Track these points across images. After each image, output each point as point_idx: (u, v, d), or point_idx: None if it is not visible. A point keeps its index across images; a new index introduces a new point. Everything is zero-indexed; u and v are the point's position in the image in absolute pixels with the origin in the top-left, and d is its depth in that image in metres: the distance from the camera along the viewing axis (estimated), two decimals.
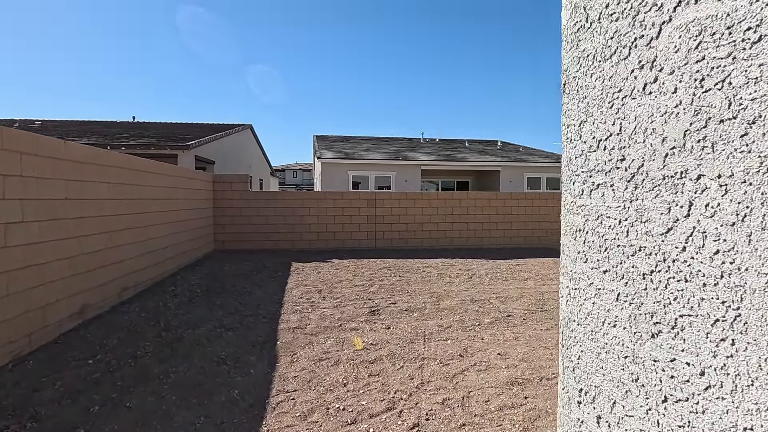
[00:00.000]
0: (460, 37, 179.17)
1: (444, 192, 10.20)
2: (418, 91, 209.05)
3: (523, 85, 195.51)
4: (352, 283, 6.57)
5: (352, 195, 10.24)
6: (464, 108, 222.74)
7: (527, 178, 20.63)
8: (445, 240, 10.51)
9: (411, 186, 18.84)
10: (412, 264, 8.35)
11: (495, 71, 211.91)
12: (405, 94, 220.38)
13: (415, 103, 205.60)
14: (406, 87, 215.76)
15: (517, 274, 7.43)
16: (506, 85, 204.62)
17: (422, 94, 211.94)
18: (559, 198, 10.89)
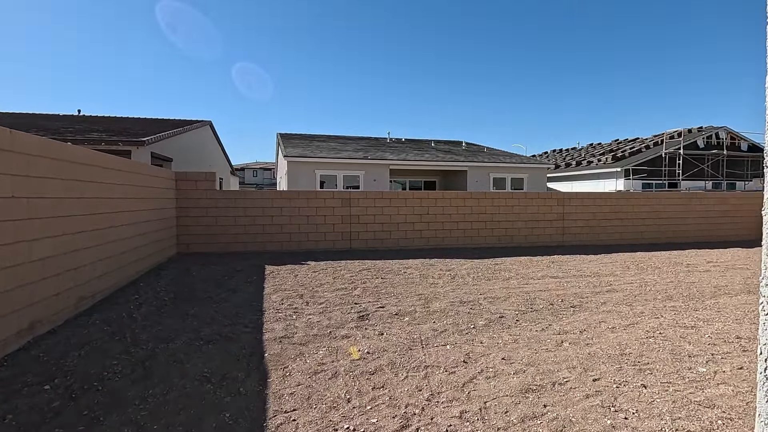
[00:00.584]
0: (409, 45, 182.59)
1: (420, 191, 10.06)
2: (374, 90, 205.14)
3: (483, 85, 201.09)
4: (334, 286, 6.25)
5: (326, 194, 9.88)
6: (423, 109, 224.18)
7: (493, 178, 21.00)
8: (421, 240, 10.38)
9: (379, 185, 18.64)
10: (392, 265, 8.13)
11: (456, 75, 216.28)
12: (360, 94, 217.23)
13: (368, 103, 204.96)
14: (363, 86, 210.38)
15: (498, 274, 7.39)
16: (468, 88, 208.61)
17: (379, 95, 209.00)
18: (530, 197, 11.06)
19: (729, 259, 9.23)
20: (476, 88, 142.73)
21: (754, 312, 5.10)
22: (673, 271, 7.79)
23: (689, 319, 4.83)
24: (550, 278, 7.09)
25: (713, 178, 21.36)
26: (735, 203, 13.00)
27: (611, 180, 21.33)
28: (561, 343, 4.01)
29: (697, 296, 5.95)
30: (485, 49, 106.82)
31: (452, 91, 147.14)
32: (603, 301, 5.65)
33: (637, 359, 3.60)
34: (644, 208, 12.01)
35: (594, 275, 7.36)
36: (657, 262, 8.90)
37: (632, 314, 5.03)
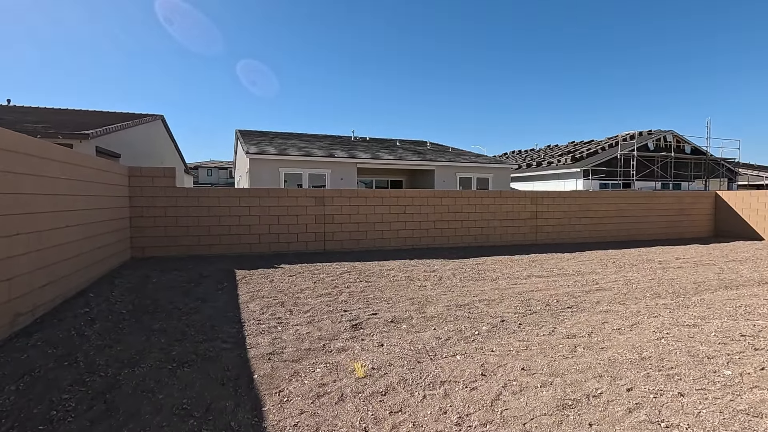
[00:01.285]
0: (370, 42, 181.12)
1: (397, 189, 9.69)
2: (334, 89, 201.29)
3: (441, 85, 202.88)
4: (317, 292, 5.72)
5: (299, 192, 9.27)
6: (383, 108, 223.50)
7: (459, 178, 21.07)
8: (398, 240, 10.01)
9: (347, 184, 18.12)
10: (373, 267, 7.69)
11: (418, 76, 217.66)
12: (320, 92, 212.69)
13: (328, 102, 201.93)
14: (326, 84, 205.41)
15: (484, 274, 7.16)
16: (429, 88, 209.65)
17: (339, 93, 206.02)
18: (504, 196, 11.01)
19: (694, 256, 9.59)
20: (438, 87, 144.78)
21: (743, 308, 5.14)
22: (649, 268, 7.91)
23: (687, 317, 4.77)
24: (536, 278, 6.94)
25: (662, 178, 22.64)
26: (690, 202, 13.69)
27: (571, 180, 22.05)
28: (575, 348, 3.76)
29: (681, 293, 5.98)
30: (447, 49, 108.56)
31: (413, 90, 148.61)
32: (596, 300, 5.53)
33: (659, 363, 3.40)
34: (611, 207, 12.34)
35: (578, 274, 7.31)
36: (630, 259, 9.06)
37: (630, 314, 4.91)
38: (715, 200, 14.09)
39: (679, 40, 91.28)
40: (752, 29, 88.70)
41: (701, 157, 23.57)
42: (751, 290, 6.16)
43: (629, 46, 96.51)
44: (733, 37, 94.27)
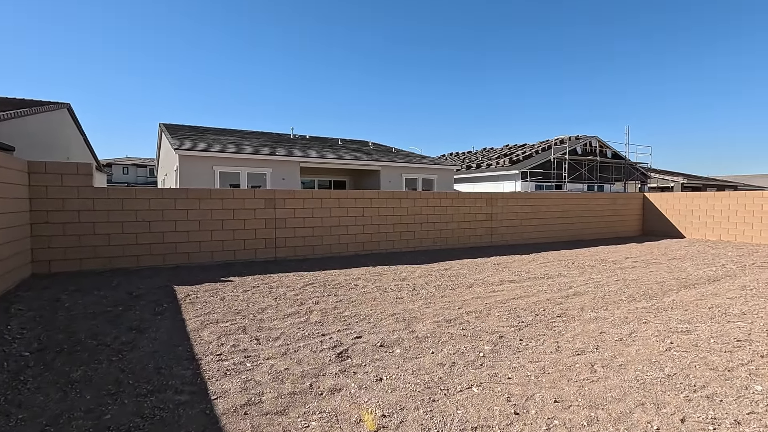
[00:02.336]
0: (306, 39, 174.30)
1: (354, 191, 9.01)
2: (264, 84, 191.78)
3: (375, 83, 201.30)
4: (282, 311, 4.88)
5: (246, 193, 8.20)
6: (319, 106, 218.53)
7: (405, 179, 20.85)
8: (356, 245, 9.32)
9: (289, 184, 17.03)
10: (336, 277, 6.94)
11: (358, 70, 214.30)
12: (247, 87, 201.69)
13: (256, 97, 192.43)
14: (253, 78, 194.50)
15: (456, 281, 6.74)
16: (371, 85, 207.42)
17: (270, 89, 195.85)
18: (462, 197, 10.81)
19: (639, 255, 10.06)
20: (379, 86, 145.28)
21: (716, 309, 5.22)
22: (608, 269, 8.05)
23: (673, 322, 4.69)
24: (509, 283, 6.67)
25: (589, 181, 24.33)
26: (622, 203, 14.62)
27: (510, 182, 22.85)
28: (593, 368, 3.39)
29: (651, 294, 6.02)
30: (384, 47, 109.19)
31: (351, 86, 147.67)
32: (579, 306, 5.33)
33: (688, 382, 3.13)
34: (557, 208, 12.72)
35: (547, 277, 7.18)
36: (586, 260, 9.25)
37: (619, 320, 4.73)
38: (643, 202, 15.21)
39: (585, 45, 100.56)
40: (663, 43, 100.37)
41: (621, 161, 25.73)
42: (707, 289, 6.38)
43: (550, 47, 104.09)
44: (638, 46, 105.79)
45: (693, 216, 13.87)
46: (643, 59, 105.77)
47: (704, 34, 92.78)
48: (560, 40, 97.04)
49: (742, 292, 6.10)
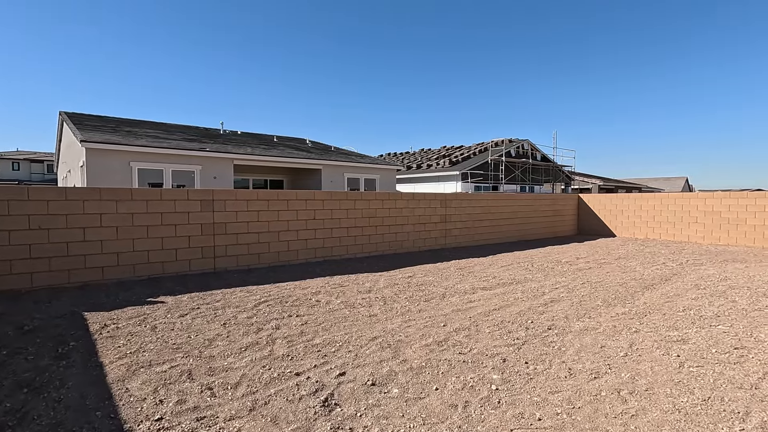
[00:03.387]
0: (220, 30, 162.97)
1: (305, 191, 8.09)
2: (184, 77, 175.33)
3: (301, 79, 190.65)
4: (235, 342, 3.91)
5: (178, 194, 6.91)
6: (249, 102, 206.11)
7: (347, 179, 20.06)
8: (307, 252, 8.39)
9: (222, 183, 15.45)
10: (292, 291, 6.01)
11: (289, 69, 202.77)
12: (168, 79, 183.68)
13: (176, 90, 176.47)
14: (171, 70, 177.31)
15: (426, 290, 6.17)
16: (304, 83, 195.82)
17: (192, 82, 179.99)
18: (417, 199, 10.32)
19: (586, 254, 10.31)
20: (313, 84, 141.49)
21: (691, 312, 5.18)
22: (568, 271, 8.01)
23: (662, 329, 4.51)
24: (482, 291, 6.25)
25: (522, 182, 25.41)
26: (562, 204, 15.20)
27: (451, 182, 23.05)
28: (621, 396, 2.96)
29: (621, 298, 5.93)
30: (317, 46, 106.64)
31: (285, 85, 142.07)
32: (562, 315, 5.01)
33: (730, 408, 2.80)
34: (506, 209, 12.79)
35: (515, 282, 6.89)
36: (541, 261, 9.22)
37: (609, 330, 4.45)
38: (578, 203, 15.97)
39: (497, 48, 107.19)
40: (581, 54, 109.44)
41: (549, 164, 27.25)
42: (666, 289, 6.47)
43: (479, 47, 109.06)
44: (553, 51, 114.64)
45: (623, 216, 14.79)
46: (564, 67, 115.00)
47: (612, 46, 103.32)
48: (490, 43, 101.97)
49: (699, 292, 6.24)
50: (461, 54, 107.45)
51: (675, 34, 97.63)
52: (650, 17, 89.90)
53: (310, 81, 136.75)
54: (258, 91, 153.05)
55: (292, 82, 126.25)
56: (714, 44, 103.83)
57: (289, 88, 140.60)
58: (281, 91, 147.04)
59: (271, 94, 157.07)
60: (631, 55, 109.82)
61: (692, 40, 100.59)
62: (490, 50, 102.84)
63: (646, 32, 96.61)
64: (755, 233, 11.88)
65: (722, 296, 5.96)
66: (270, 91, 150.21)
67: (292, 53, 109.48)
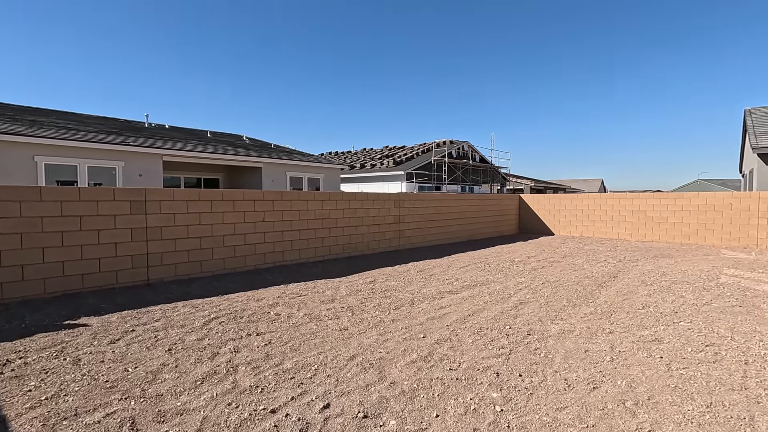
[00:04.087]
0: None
1: (253, 191, 7.34)
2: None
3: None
4: (187, 373, 3.23)
5: (102, 193, 5.86)
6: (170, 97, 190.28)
7: (290, 178, 19.16)
8: (255, 257, 7.63)
9: (150, 181, 13.94)
10: (245, 303, 5.32)
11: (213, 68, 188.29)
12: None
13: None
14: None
15: (394, 297, 5.80)
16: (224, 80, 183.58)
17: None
18: (371, 199, 9.92)
19: (535, 253, 10.59)
20: (232, 81, 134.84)
21: (650, 308, 5.35)
22: (523, 271, 8.09)
23: (634, 329, 4.55)
24: (449, 295, 6.02)
25: (463, 182, 26.08)
26: (505, 204, 15.67)
27: (396, 182, 22.98)
28: (626, 407, 2.81)
29: (582, 297, 6.01)
30: (241, 44, 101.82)
31: (211, 83, 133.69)
32: (536, 319, 4.91)
33: (731, 414, 2.76)
34: (457, 209, 12.84)
35: (479, 284, 6.76)
36: (495, 261, 9.27)
37: (586, 333, 4.41)
38: (519, 202, 16.58)
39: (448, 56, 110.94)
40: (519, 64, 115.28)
41: (487, 165, 28.29)
42: (618, 287, 6.70)
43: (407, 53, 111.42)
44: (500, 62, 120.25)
45: (560, 215, 15.59)
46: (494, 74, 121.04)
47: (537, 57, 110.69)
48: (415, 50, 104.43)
49: (648, 288, 6.53)
50: (389, 60, 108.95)
51: (600, 48, 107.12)
52: (588, 29, 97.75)
53: (235, 79, 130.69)
54: (180, 89, 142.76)
55: (216, 80, 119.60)
56: (637, 61, 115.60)
57: (213, 87, 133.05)
58: (204, 89, 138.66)
59: (191, 92, 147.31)
60: (551, 65, 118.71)
61: (616, 56, 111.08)
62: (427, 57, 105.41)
63: (583, 44, 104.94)
64: (675, 230, 13.07)
65: (670, 292, 6.27)
66: (192, 89, 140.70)
67: (215, 51, 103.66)
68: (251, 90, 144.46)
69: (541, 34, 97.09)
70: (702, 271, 7.93)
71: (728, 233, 12.15)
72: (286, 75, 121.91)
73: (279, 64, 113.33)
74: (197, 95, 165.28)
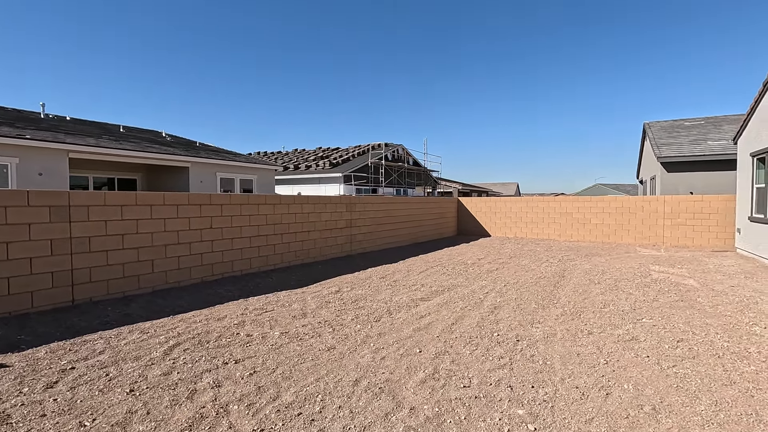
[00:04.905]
0: None
1: (198, 194, 6.54)
2: None
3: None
4: (165, 422, 2.63)
5: (12, 198, 4.71)
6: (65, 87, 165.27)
7: (221, 179, 17.76)
8: (202, 268, 6.78)
9: (53, 181, 12.01)
10: (206, 324, 4.62)
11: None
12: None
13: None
14: None
15: (367, 307, 5.48)
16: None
17: None
18: (323, 202, 9.43)
19: (483, 255, 10.89)
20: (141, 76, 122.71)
21: (610, 307, 5.67)
22: (480, 273, 8.22)
23: (608, 328, 4.77)
24: (422, 302, 5.86)
25: (398, 185, 26.35)
26: (446, 207, 16.03)
27: (333, 184, 22.47)
28: (651, 415, 2.85)
29: (546, 298, 6.22)
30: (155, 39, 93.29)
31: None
32: (517, 323, 4.94)
33: (738, 412, 2.91)
34: (404, 212, 12.80)
35: (446, 289, 6.70)
36: (450, 263, 9.34)
37: (568, 335, 4.51)
38: (457, 205, 17.09)
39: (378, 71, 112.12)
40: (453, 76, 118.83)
41: (421, 168, 28.93)
42: (571, 286, 7.06)
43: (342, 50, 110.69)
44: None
45: (496, 217, 16.35)
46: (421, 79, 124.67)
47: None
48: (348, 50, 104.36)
49: (600, 287, 6.97)
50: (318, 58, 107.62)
51: (522, 62, 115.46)
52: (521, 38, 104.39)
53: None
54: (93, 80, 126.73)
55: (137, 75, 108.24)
56: (559, 74, 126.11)
57: (136, 82, 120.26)
58: (126, 83, 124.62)
59: (92, 82, 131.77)
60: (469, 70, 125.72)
61: (539, 72, 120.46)
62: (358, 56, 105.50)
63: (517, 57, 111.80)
64: (597, 230, 14.36)
65: (618, 290, 6.74)
66: (94, 78, 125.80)
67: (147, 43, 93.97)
68: (164, 82, 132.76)
69: (447, 35, 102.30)
70: (634, 269, 8.72)
71: (641, 232, 13.64)
72: (202, 67, 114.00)
73: (194, 55, 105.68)
74: (95, 85, 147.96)
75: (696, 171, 14.69)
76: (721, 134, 16.16)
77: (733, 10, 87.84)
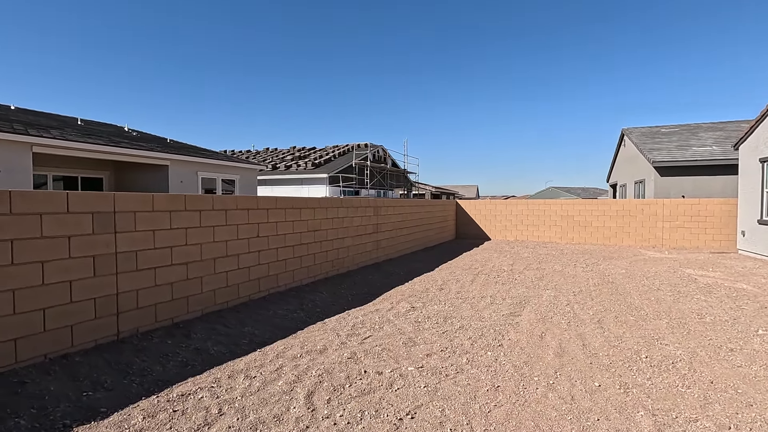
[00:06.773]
0: None
1: (245, 197, 5.54)
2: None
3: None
4: None
5: (48, 202, 3.56)
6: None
7: (202, 179, 16.19)
8: (249, 285, 5.74)
9: (15, 179, 10.18)
10: (319, 355, 3.73)
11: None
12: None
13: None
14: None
15: (467, 326, 4.82)
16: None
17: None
18: (355, 206, 8.58)
19: (512, 261, 10.53)
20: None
21: (715, 317, 5.42)
22: (529, 279, 7.79)
23: (727, 341, 4.45)
24: (516, 317, 5.28)
25: (381, 187, 25.68)
26: (448, 210, 15.61)
27: (320, 186, 21.36)
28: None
29: (634, 307, 5.90)
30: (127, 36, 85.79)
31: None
32: (643, 340, 4.51)
33: None
34: (417, 216, 12.20)
35: (522, 300, 6.18)
36: (485, 269, 8.85)
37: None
38: (456, 208, 16.74)
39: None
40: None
41: (401, 170, 28.44)
42: (638, 293, 6.83)
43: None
44: None
45: (496, 220, 16.17)
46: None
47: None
48: None
49: (663, 293, 6.76)
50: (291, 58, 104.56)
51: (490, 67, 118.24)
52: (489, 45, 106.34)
53: None
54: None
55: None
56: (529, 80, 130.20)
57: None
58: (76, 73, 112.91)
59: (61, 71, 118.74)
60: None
61: (504, 78, 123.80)
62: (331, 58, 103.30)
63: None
64: (598, 233, 14.55)
65: (688, 296, 6.53)
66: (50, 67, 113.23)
67: None
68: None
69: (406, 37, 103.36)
70: (670, 272, 8.69)
71: (641, 235, 13.97)
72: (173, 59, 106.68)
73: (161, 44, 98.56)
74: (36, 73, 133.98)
75: (687, 175, 15.35)
76: (701, 141, 17.09)
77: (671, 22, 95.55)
